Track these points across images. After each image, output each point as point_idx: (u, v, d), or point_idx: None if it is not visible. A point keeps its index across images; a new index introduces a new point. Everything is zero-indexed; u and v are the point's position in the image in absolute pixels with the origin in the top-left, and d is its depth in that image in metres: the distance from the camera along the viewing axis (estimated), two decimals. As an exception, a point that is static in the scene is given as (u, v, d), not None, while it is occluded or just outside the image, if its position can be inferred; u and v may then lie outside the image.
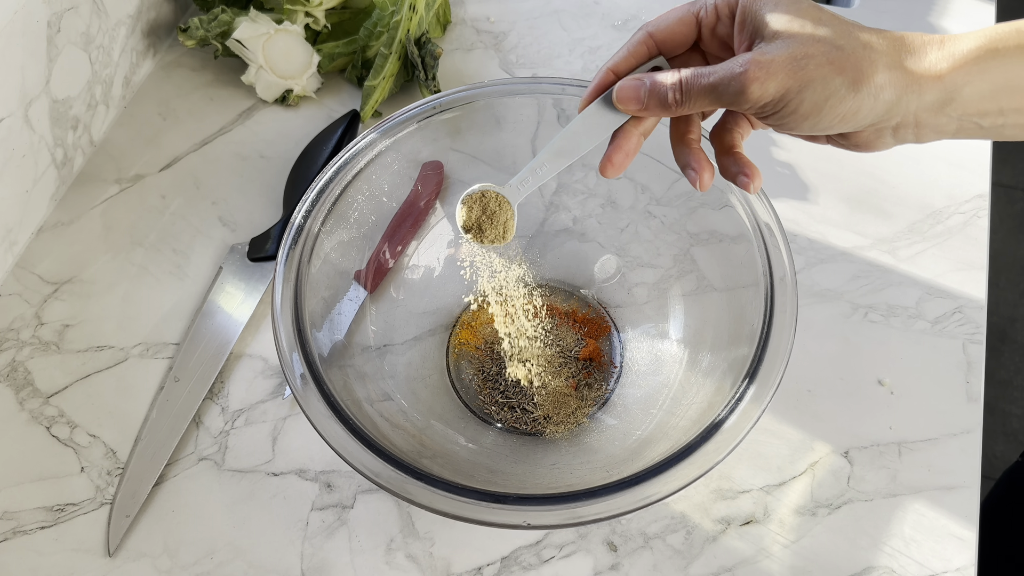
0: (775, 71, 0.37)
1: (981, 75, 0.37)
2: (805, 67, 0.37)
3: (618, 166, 0.43)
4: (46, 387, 0.58)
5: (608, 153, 0.43)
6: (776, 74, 0.37)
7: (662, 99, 0.40)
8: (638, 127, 0.43)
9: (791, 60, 0.37)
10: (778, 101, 0.37)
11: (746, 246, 0.51)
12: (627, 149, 0.43)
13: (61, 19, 0.63)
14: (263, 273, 0.63)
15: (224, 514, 0.53)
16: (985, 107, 0.38)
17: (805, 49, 0.37)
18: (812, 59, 0.37)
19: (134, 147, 0.71)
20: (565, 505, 0.43)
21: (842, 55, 0.37)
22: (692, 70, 0.39)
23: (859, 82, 0.37)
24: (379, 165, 0.55)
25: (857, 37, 0.37)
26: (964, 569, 0.51)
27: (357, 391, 0.51)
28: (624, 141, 0.43)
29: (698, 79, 0.39)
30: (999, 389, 1.44)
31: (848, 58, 0.37)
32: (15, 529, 0.53)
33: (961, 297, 0.62)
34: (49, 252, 0.65)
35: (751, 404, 0.45)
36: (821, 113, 0.38)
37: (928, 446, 0.56)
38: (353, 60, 0.74)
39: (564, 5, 0.82)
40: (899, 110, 0.38)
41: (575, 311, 0.60)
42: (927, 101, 0.38)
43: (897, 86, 0.37)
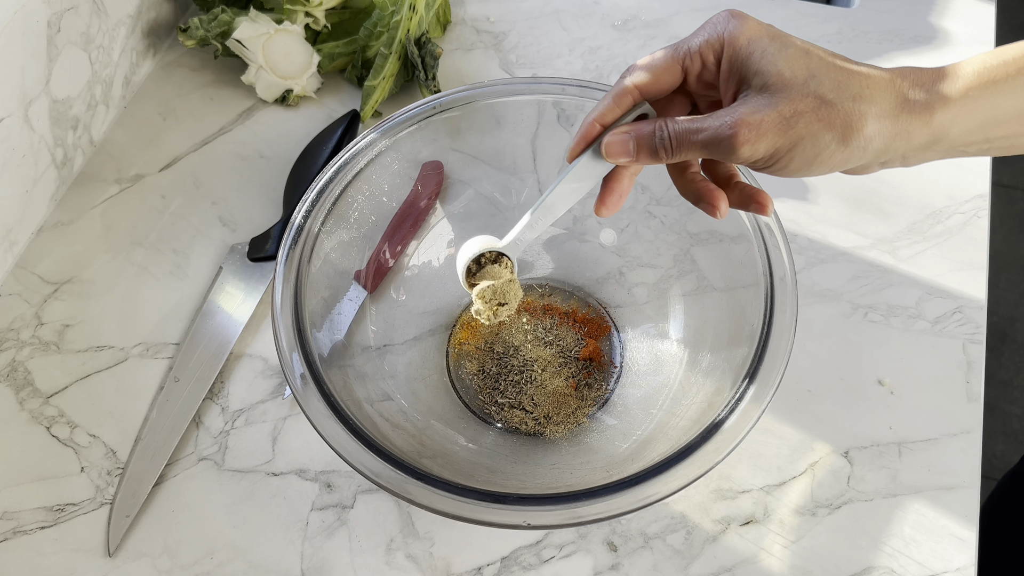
0: (764, 131, 0.37)
1: (969, 114, 0.38)
2: (794, 126, 0.37)
3: (612, 207, 0.44)
4: (46, 387, 0.58)
5: (601, 196, 0.44)
6: (766, 134, 0.37)
7: (652, 151, 0.41)
8: (628, 169, 0.44)
9: (780, 120, 0.37)
10: (769, 158, 0.38)
11: (746, 246, 0.51)
12: (619, 191, 0.44)
13: (61, 19, 0.63)
14: (263, 273, 0.63)
15: (224, 514, 0.54)
16: (972, 139, 0.39)
17: (794, 106, 0.37)
18: (801, 117, 0.37)
19: (134, 147, 0.71)
20: (565, 505, 0.43)
21: (831, 111, 0.37)
22: (682, 125, 0.39)
23: (848, 136, 0.37)
24: (379, 165, 0.55)
25: (847, 87, 0.37)
26: (964, 569, 0.51)
27: (357, 391, 0.51)
28: (616, 184, 0.44)
29: (688, 135, 0.39)
30: (999, 389, 1.44)
31: (837, 113, 0.37)
32: (15, 529, 0.53)
33: (961, 297, 0.62)
34: (49, 252, 0.65)
35: (751, 404, 0.45)
36: (811, 167, 0.38)
37: (928, 446, 0.56)
38: (353, 60, 0.74)
39: (564, 5, 0.82)
40: (888, 154, 0.39)
41: (575, 311, 0.60)
42: (916, 144, 0.38)
43: (886, 135, 0.37)
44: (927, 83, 0.38)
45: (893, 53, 0.77)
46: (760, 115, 0.37)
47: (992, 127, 0.38)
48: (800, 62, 0.37)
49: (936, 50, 0.77)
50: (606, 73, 0.76)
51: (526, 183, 0.61)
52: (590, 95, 0.56)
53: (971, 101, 0.37)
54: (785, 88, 0.37)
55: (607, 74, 0.76)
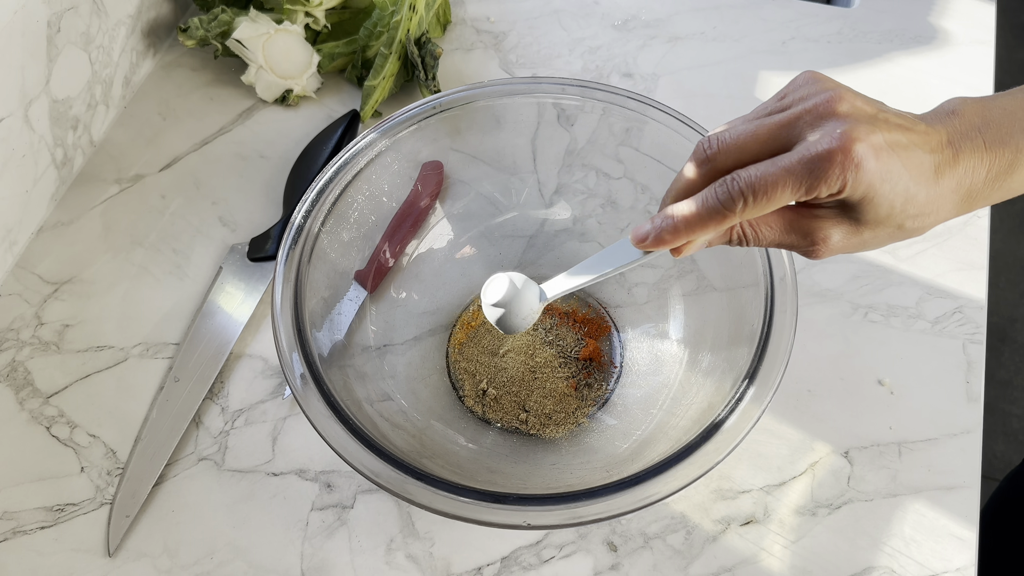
0: (840, 250, 0.39)
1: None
2: (869, 242, 0.39)
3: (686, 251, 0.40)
4: (46, 387, 0.58)
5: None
6: (842, 249, 0.38)
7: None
8: None
9: (859, 244, 0.39)
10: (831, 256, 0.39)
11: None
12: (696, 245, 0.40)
13: (61, 19, 0.63)
14: (263, 273, 0.63)
15: (224, 514, 0.53)
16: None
17: (875, 233, 0.38)
18: (875, 239, 0.38)
19: (134, 147, 0.71)
20: (565, 505, 0.43)
21: (902, 233, 0.38)
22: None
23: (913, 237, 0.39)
24: (379, 165, 0.55)
25: (923, 213, 0.37)
26: (964, 569, 0.51)
27: (357, 391, 0.51)
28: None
29: (771, 169, 0.35)
30: (999, 389, 1.44)
31: (909, 233, 0.38)
32: (15, 529, 0.53)
33: (961, 297, 0.62)
34: (49, 252, 0.65)
35: (751, 404, 0.45)
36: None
37: (928, 446, 0.56)
38: (353, 60, 0.74)
39: (564, 5, 0.82)
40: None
41: (575, 311, 0.60)
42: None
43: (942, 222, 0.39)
44: (996, 178, 0.38)
45: (893, 53, 0.77)
46: (844, 243, 0.38)
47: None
48: (898, 200, 0.36)
49: (936, 50, 0.77)
50: (606, 73, 0.76)
51: (526, 183, 0.61)
52: (590, 95, 0.56)
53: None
54: (874, 223, 0.37)
55: (607, 74, 0.76)
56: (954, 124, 0.38)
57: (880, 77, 0.75)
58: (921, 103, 0.73)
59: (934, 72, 0.75)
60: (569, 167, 0.60)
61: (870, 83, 0.74)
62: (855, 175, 0.34)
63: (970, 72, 0.75)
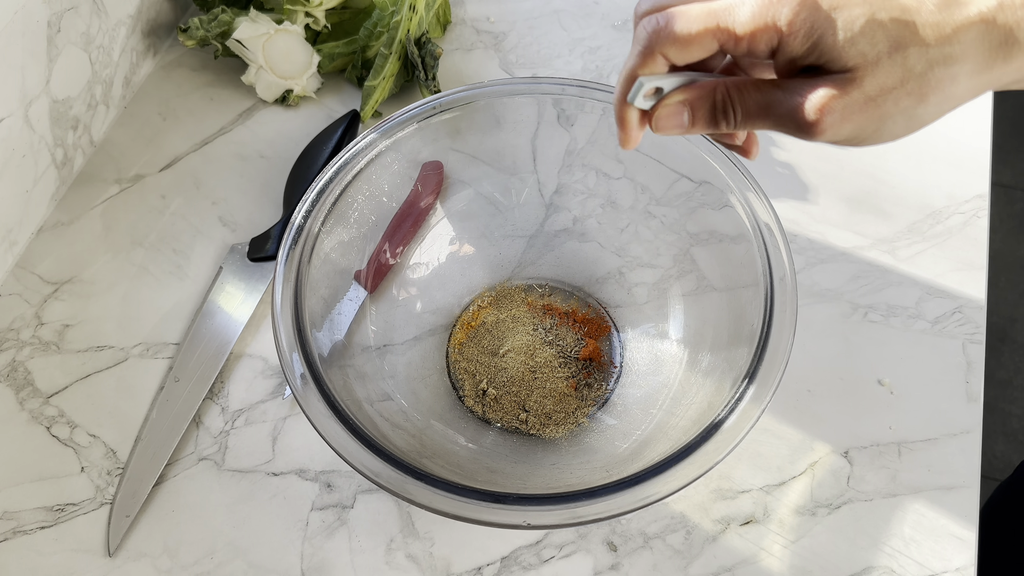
0: (850, 115, 0.33)
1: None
2: (882, 105, 0.33)
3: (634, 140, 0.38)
4: (46, 387, 0.58)
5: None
6: (851, 118, 0.33)
7: (710, 119, 0.36)
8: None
9: (866, 101, 0.33)
10: (852, 139, 0.34)
11: (746, 246, 0.51)
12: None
13: (61, 19, 0.63)
14: (263, 273, 0.63)
15: (224, 514, 0.54)
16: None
17: (880, 83, 0.32)
18: (889, 94, 0.33)
19: (134, 147, 0.71)
20: (565, 505, 0.43)
21: (922, 83, 0.32)
22: (751, 96, 0.35)
23: (941, 103, 0.33)
24: (379, 165, 0.55)
25: (937, 49, 0.32)
26: (964, 569, 0.51)
27: (357, 391, 0.51)
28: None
29: (759, 109, 0.34)
30: (999, 389, 1.44)
31: (928, 83, 0.32)
32: (15, 529, 0.53)
33: (961, 297, 0.62)
34: (49, 252, 0.65)
35: (751, 404, 0.45)
36: (898, 136, 0.35)
37: (928, 446, 0.56)
38: (353, 60, 0.74)
39: (564, 5, 0.82)
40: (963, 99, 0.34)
41: (575, 311, 0.60)
42: (1001, 84, 0.34)
43: (977, 89, 0.34)
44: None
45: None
46: (845, 99, 0.33)
47: None
48: (879, 33, 0.32)
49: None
50: (606, 73, 0.76)
51: (526, 183, 0.61)
52: (590, 95, 0.56)
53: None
54: (868, 66, 0.32)
55: (607, 74, 0.76)
56: None
57: (880, 77, 0.75)
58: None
59: (934, 72, 0.75)
60: (569, 167, 0.60)
61: (870, 83, 0.74)
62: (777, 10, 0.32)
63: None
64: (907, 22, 0.32)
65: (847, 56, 0.32)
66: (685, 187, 0.56)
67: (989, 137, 0.71)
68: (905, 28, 0.32)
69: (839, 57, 0.33)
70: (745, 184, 0.52)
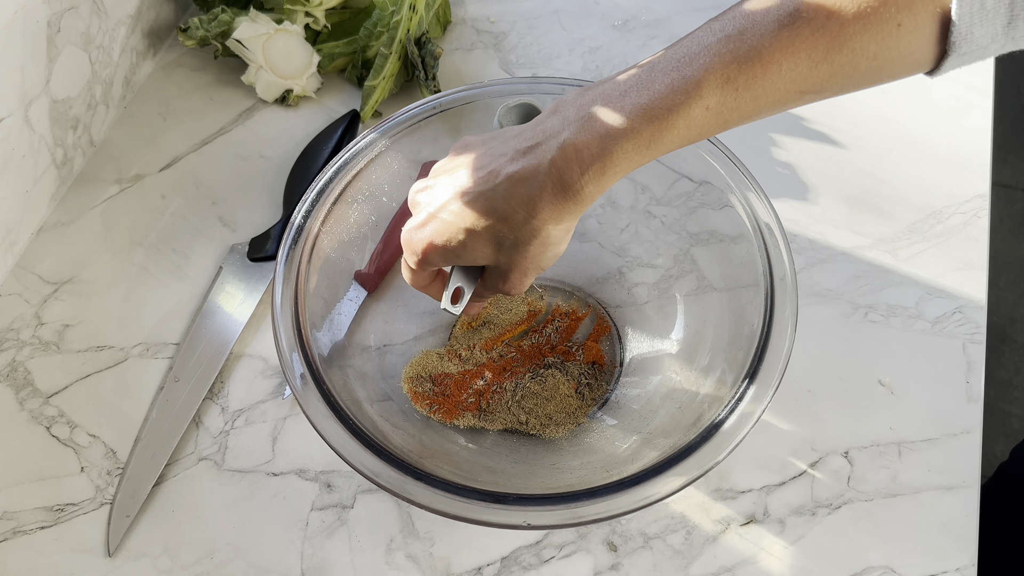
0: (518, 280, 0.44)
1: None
2: (521, 270, 0.43)
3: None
4: (46, 387, 0.58)
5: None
6: (519, 280, 0.44)
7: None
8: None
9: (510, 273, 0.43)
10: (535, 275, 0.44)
11: (746, 246, 0.51)
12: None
13: (61, 19, 0.63)
14: (263, 273, 0.63)
15: (224, 514, 0.53)
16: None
17: (507, 264, 0.42)
18: (514, 267, 0.42)
19: (134, 147, 0.71)
20: (565, 505, 0.43)
21: (516, 253, 0.41)
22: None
23: (543, 249, 0.42)
24: (379, 165, 0.55)
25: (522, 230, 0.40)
26: (964, 569, 0.51)
27: (357, 391, 0.51)
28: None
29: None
30: (999, 389, 1.44)
31: (521, 252, 0.41)
32: (15, 529, 0.53)
33: (961, 297, 0.62)
34: (49, 252, 0.65)
35: (751, 404, 0.45)
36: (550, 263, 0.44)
37: (928, 446, 0.56)
38: (353, 60, 0.74)
39: (564, 5, 0.82)
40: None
41: (575, 311, 0.60)
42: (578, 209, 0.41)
43: (568, 226, 0.41)
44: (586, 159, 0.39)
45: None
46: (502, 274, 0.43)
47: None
48: (486, 246, 0.42)
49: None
50: (606, 73, 0.76)
51: (526, 183, 0.61)
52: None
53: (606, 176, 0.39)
54: (492, 262, 0.43)
55: (607, 74, 0.76)
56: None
57: (880, 77, 0.75)
58: (922, 101, 0.73)
59: (934, 72, 0.75)
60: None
61: (870, 83, 0.74)
62: (408, 244, 0.43)
63: (970, 72, 0.74)
64: (500, 227, 0.40)
65: (479, 263, 0.43)
66: (685, 187, 0.56)
67: (989, 137, 0.71)
68: (499, 230, 0.41)
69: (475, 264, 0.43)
70: (745, 184, 0.52)
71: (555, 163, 0.38)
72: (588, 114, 0.38)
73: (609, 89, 0.39)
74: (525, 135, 0.40)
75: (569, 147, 0.38)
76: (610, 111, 0.38)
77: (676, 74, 0.37)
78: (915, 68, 0.39)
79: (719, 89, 0.37)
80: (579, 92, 0.40)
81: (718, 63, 0.37)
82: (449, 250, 0.42)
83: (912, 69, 0.39)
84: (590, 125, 0.38)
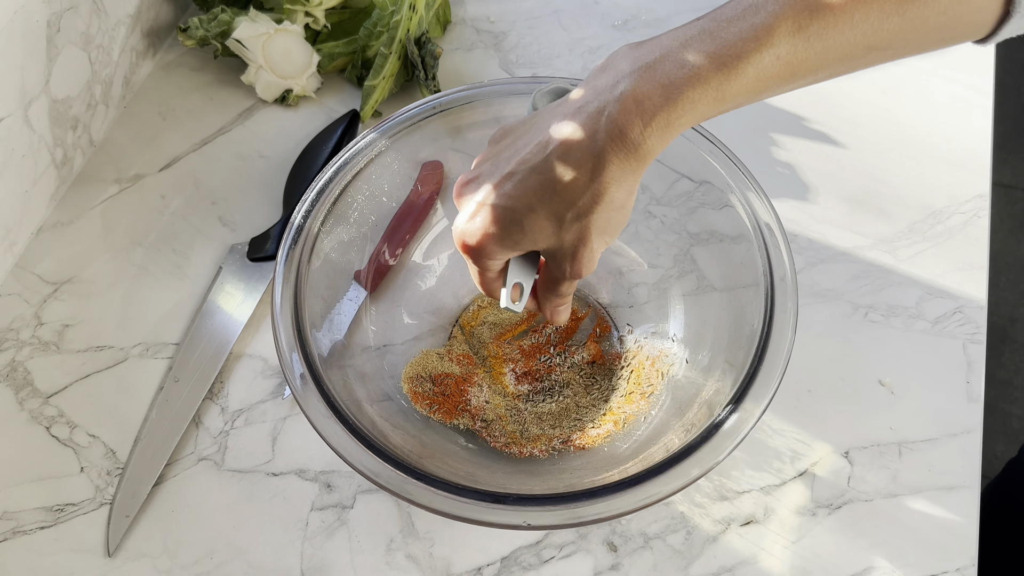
0: (584, 261, 0.41)
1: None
2: (590, 245, 0.40)
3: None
4: (46, 387, 0.58)
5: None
6: (585, 262, 0.41)
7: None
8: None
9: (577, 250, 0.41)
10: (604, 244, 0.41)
11: (746, 246, 0.51)
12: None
13: (61, 19, 0.62)
14: (263, 273, 0.63)
15: (224, 514, 0.53)
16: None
17: (570, 240, 0.40)
18: (583, 244, 0.40)
19: (134, 147, 0.71)
20: (565, 505, 0.43)
21: (584, 228, 0.39)
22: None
23: (611, 216, 0.39)
24: (379, 165, 0.55)
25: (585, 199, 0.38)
26: (964, 569, 0.51)
27: (357, 391, 0.51)
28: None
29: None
30: (999, 389, 1.44)
31: (589, 225, 0.39)
32: (15, 529, 0.53)
33: (961, 297, 0.62)
34: (49, 252, 0.65)
35: (751, 404, 0.45)
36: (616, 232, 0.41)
37: (928, 446, 0.56)
38: (353, 60, 0.74)
39: (564, 5, 0.82)
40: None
41: (575, 311, 0.60)
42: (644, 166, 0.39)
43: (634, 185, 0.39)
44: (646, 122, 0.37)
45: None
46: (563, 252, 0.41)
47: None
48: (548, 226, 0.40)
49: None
50: (606, 73, 0.76)
51: (526, 183, 0.61)
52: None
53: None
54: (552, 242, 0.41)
55: (607, 74, 0.76)
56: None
57: (880, 78, 0.75)
58: (921, 102, 0.73)
59: (935, 72, 0.75)
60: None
61: (870, 84, 0.74)
62: (461, 240, 0.41)
63: (971, 72, 0.75)
64: (558, 200, 0.38)
65: (540, 246, 0.40)
66: (685, 187, 0.56)
67: (989, 137, 0.71)
68: (558, 203, 0.38)
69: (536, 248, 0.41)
70: (745, 184, 0.52)
71: (614, 118, 0.36)
72: (646, 64, 0.36)
73: (667, 40, 0.37)
74: (572, 99, 0.38)
75: (628, 99, 0.35)
76: (672, 60, 0.36)
77: (744, 22, 0.35)
78: (977, 29, 0.37)
79: (791, 37, 0.35)
80: (630, 47, 0.37)
81: (789, 11, 0.35)
82: (506, 237, 0.39)
83: (974, 30, 0.38)
84: (650, 75, 0.36)
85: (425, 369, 0.55)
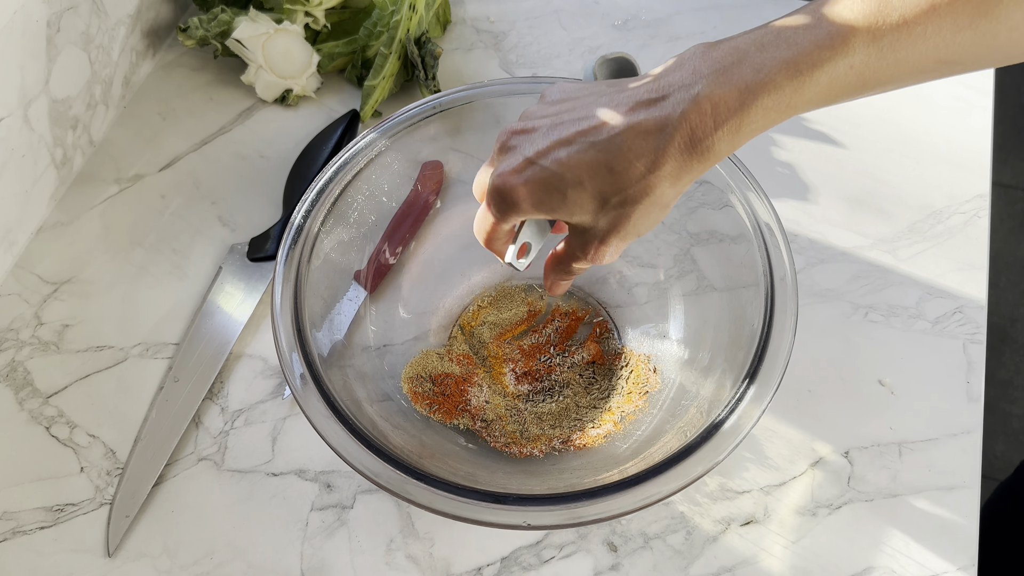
0: (609, 247, 0.42)
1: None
2: (621, 233, 0.41)
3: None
4: (46, 387, 0.58)
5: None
6: (610, 249, 0.42)
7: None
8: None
9: (608, 235, 0.41)
10: (627, 241, 0.42)
11: (746, 246, 0.51)
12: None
13: (61, 19, 0.62)
14: (263, 273, 0.63)
15: (224, 514, 0.53)
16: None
17: (605, 226, 0.40)
18: (614, 230, 0.40)
19: (134, 147, 0.71)
20: (565, 505, 0.43)
21: (621, 216, 0.39)
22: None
23: (651, 211, 0.39)
24: (379, 165, 0.55)
25: (635, 187, 0.38)
26: (964, 569, 0.51)
27: (357, 391, 0.51)
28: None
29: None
30: (999, 389, 1.44)
31: (629, 213, 0.39)
32: (15, 529, 0.53)
33: (961, 297, 0.62)
34: (49, 252, 0.65)
35: (751, 404, 0.45)
36: (645, 229, 0.41)
37: (928, 446, 0.56)
38: (353, 60, 0.74)
39: (564, 5, 0.82)
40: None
41: (575, 311, 0.60)
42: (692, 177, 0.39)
43: (678, 191, 0.39)
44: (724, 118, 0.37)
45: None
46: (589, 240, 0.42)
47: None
48: (588, 202, 0.40)
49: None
50: (606, 73, 0.76)
51: (526, 183, 0.61)
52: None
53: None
54: (592, 220, 0.41)
55: (607, 74, 0.76)
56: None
57: (880, 77, 0.75)
58: (921, 102, 0.73)
59: (934, 72, 0.75)
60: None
61: (870, 83, 0.74)
62: (497, 188, 0.40)
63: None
64: (610, 182, 0.38)
65: (574, 219, 0.40)
66: (685, 187, 0.56)
67: (989, 137, 0.71)
68: (608, 185, 0.38)
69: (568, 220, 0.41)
70: (745, 184, 0.52)
71: (687, 116, 0.36)
72: (723, 67, 0.36)
73: (743, 44, 0.37)
74: (646, 87, 0.38)
75: (704, 100, 0.36)
76: (749, 65, 0.36)
77: (820, 29, 0.36)
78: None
79: (865, 47, 0.35)
80: (705, 47, 0.38)
81: (864, 20, 0.35)
82: (546, 201, 0.39)
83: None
84: (727, 78, 0.36)
85: (425, 369, 0.55)
